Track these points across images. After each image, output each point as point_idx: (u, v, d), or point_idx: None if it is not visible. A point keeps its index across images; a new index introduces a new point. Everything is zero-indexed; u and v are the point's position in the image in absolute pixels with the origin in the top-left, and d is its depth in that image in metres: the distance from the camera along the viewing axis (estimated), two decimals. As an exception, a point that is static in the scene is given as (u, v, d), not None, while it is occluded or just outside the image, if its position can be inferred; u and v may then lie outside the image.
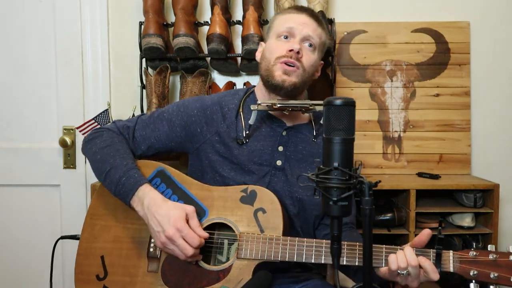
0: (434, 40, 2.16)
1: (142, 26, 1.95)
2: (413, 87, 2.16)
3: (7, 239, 2.20)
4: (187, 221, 1.21)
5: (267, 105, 1.32)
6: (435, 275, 1.09)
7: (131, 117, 1.86)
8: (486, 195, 1.92)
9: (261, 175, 1.35)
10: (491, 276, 1.09)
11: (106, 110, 1.94)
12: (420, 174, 2.09)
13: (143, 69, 2.02)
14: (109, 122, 1.94)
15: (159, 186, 1.33)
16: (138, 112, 2.01)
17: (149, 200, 1.23)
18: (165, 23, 1.99)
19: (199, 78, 1.99)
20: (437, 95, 2.16)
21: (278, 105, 1.30)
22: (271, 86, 1.36)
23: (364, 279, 0.87)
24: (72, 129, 2.15)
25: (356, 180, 0.86)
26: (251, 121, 1.35)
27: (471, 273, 1.10)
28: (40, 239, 2.18)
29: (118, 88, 2.18)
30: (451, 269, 1.12)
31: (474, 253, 1.12)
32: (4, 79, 2.17)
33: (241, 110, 1.41)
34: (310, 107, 1.32)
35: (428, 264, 1.09)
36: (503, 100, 2.20)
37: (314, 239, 1.21)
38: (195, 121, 1.39)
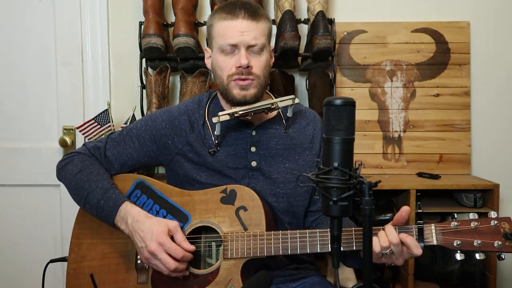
0: (434, 40, 2.16)
1: (142, 26, 1.96)
2: (413, 87, 2.16)
3: (7, 239, 2.20)
4: (172, 236, 1.22)
5: (228, 115, 1.30)
6: (417, 250, 1.10)
7: (131, 117, 1.87)
8: (486, 195, 1.92)
9: (239, 179, 1.35)
10: (475, 244, 1.09)
11: (106, 110, 1.94)
12: (420, 174, 2.09)
13: (143, 69, 2.02)
14: (109, 122, 1.94)
15: (140, 198, 1.33)
16: (138, 112, 2.01)
17: (132, 217, 1.24)
18: (165, 23, 1.99)
19: (199, 78, 1.99)
20: (437, 95, 2.16)
21: (240, 113, 1.30)
22: (232, 103, 1.35)
23: (364, 279, 0.87)
24: (72, 129, 2.15)
25: (356, 180, 0.86)
26: (216, 132, 1.33)
27: (455, 244, 1.11)
28: (40, 239, 2.18)
29: (118, 88, 2.18)
30: (435, 242, 1.13)
31: (456, 223, 1.12)
32: (4, 79, 2.17)
33: (206, 118, 1.40)
34: (273, 107, 1.32)
35: (410, 240, 1.10)
36: (503, 100, 2.20)
37: (298, 230, 1.21)
38: (164, 133, 1.39)
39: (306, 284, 1.36)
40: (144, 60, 2.05)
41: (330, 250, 1.17)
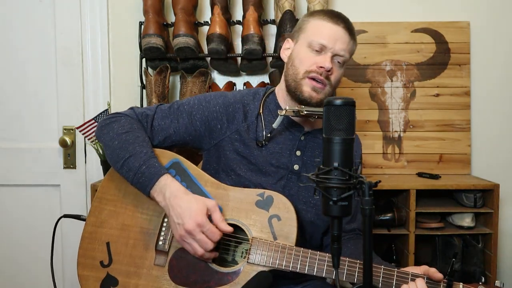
0: (434, 40, 2.16)
1: (142, 26, 1.96)
2: (413, 87, 2.16)
3: (7, 239, 2.20)
4: (209, 216, 1.20)
5: (293, 111, 1.30)
6: None
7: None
8: (486, 195, 1.92)
9: (277, 178, 1.34)
10: None
11: (106, 110, 1.94)
12: (420, 174, 2.09)
13: (143, 69, 2.02)
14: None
15: (174, 178, 1.28)
16: (138, 112, 2.01)
17: (171, 191, 1.21)
18: (165, 23, 1.99)
19: (199, 78, 1.99)
20: (437, 95, 2.16)
21: (305, 112, 1.28)
22: (297, 99, 1.35)
23: (364, 279, 0.86)
24: (72, 129, 2.15)
25: (356, 180, 0.86)
26: (275, 125, 1.33)
27: None
28: (40, 239, 2.17)
29: (118, 88, 2.18)
30: None
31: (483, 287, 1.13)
32: (4, 79, 2.17)
33: (261, 111, 1.39)
34: None
35: None
36: (503, 100, 2.20)
37: (327, 254, 1.19)
38: (216, 116, 1.36)
39: (308, 287, 1.35)
40: (144, 60, 2.05)
41: (344, 279, 1.17)
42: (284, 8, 1.94)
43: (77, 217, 1.40)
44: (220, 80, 2.19)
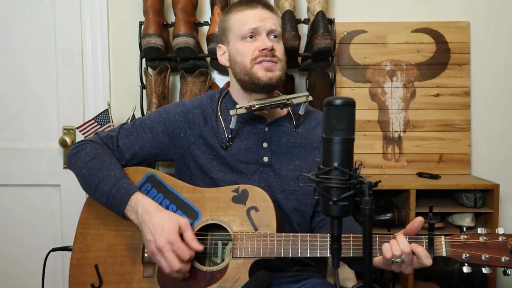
0: (434, 40, 2.16)
1: (142, 26, 1.95)
2: (413, 87, 2.16)
3: (7, 239, 2.20)
4: (181, 234, 1.21)
5: (245, 108, 1.32)
6: (428, 260, 1.12)
7: (131, 117, 1.87)
8: (486, 195, 1.93)
9: (250, 173, 1.36)
10: (483, 257, 1.12)
11: (106, 110, 1.94)
12: (420, 174, 2.09)
13: (143, 69, 2.02)
14: (109, 122, 1.94)
15: (150, 191, 1.33)
16: (138, 112, 2.01)
17: (143, 208, 1.24)
18: (165, 23, 1.99)
19: (199, 78, 1.99)
20: (437, 95, 2.16)
21: (257, 106, 1.32)
22: (258, 88, 1.36)
23: (364, 279, 0.86)
24: (72, 129, 2.15)
25: (356, 180, 0.86)
26: (232, 125, 1.35)
27: (463, 256, 1.13)
28: (40, 239, 2.18)
29: (118, 88, 2.18)
30: (444, 254, 1.15)
31: (465, 237, 1.14)
32: (4, 79, 2.17)
33: (219, 113, 1.42)
34: (288, 102, 1.34)
35: (420, 249, 1.12)
36: (503, 100, 2.20)
37: (308, 234, 1.21)
38: (178, 126, 1.40)
39: (307, 285, 1.35)
40: (144, 60, 2.05)
41: (352, 255, 1.18)
42: (284, 8, 1.94)
43: (65, 248, 1.43)
44: (220, 80, 2.19)
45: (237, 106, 1.33)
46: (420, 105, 2.16)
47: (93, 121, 1.92)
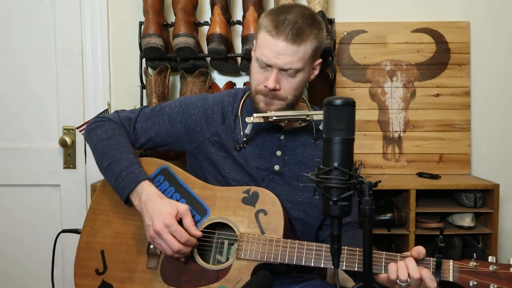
0: (434, 40, 2.16)
1: (142, 26, 1.95)
2: (413, 87, 2.16)
3: (7, 239, 2.20)
4: (181, 219, 1.22)
5: (262, 117, 1.30)
6: (432, 284, 1.09)
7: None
8: (486, 195, 1.92)
9: (259, 180, 1.35)
10: (491, 287, 1.08)
11: (106, 110, 1.94)
12: (420, 174, 2.09)
13: (143, 69, 2.02)
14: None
15: (162, 184, 1.33)
16: (138, 112, 2.01)
17: (146, 195, 1.25)
18: (165, 23, 1.99)
19: (199, 78, 1.99)
20: (437, 95, 2.16)
21: (274, 118, 1.30)
22: (258, 112, 1.34)
23: (364, 279, 0.86)
24: (72, 129, 2.15)
25: (356, 180, 0.86)
26: (247, 131, 1.34)
27: (471, 284, 1.10)
28: (40, 239, 2.17)
29: (118, 88, 2.18)
30: (451, 279, 1.12)
31: (475, 264, 1.11)
32: (4, 79, 2.17)
33: (239, 113, 1.40)
34: (307, 118, 1.31)
35: (425, 272, 1.10)
36: (503, 100, 2.20)
37: (314, 243, 1.20)
38: (195, 120, 1.39)
39: (308, 286, 1.35)
40: (144, 60, 2.05)
41: (345, 268, 1.17)
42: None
43: (75, 231, 1.43)
44: (220, 80, 2.19)
45: (255, 115, 1.30)
46: (420, 105, 2.16)
47: (93, 121, 1.92)
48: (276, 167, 1.36)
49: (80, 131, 1.91)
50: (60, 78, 2.16)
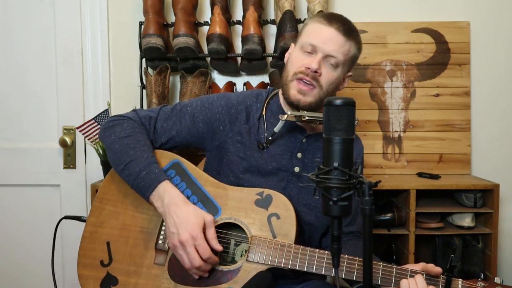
0: (434, 40, 2.16)
1: (142, 26, 1.96)
2: (413, 87, 2.16)
3: (7, 239, 2.20)
4: (204, 230, 1.20)
5: (295, 116, 1.30)
6: None
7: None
8: (486, 195, 1.92)
9: (277, 180, 1.34)
10: None
11: (106, 110, 1.94)
12: (420, 174, 2.09)
13: (143, 69, 2.02)
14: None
15: (173, 178, 1.30)
16: (138, 112, 2.01)
17: (170, 198, 1.22)
18: (165, 23, 1.99)
19: (199, 78, 1.99)
20: (437, 95, 2.16)
21: (307, 118, 1.29)
22: (287, 102, 1.36)
23: (364, 279, 0.86)
24: (72, 129, 2.15)
25: (356, 180, 0.86)
26: (276, 129, 1.33)
27: None
28: (40, 239, 2.17)
29: (118, 88, 2.18)
30: None
31: (482, 284, 1.14)
32: (4, 79, 2.17)
33: (264, 113, 1.39)
34: None
35: None
36: (503, 100, 2.20)
37: (326, 251, 1.20)
38: (219, 118, 1.37)
39: (308, 287, 1.36)
40: (144, 60, 2.05)
41: (354, 278, 1.17)
42: (284, 8, 1.94)
43: (78, 218, 1.41)
44: (220, 80, 2.19)
45: (289, 113, 1.30)
46: (420, 105, 2.16)
47: (93, 121, 1.92)
48: (296, 169, 1.36)
49: (80, 131, 1.91)
50: (60, 78, 2.16)
